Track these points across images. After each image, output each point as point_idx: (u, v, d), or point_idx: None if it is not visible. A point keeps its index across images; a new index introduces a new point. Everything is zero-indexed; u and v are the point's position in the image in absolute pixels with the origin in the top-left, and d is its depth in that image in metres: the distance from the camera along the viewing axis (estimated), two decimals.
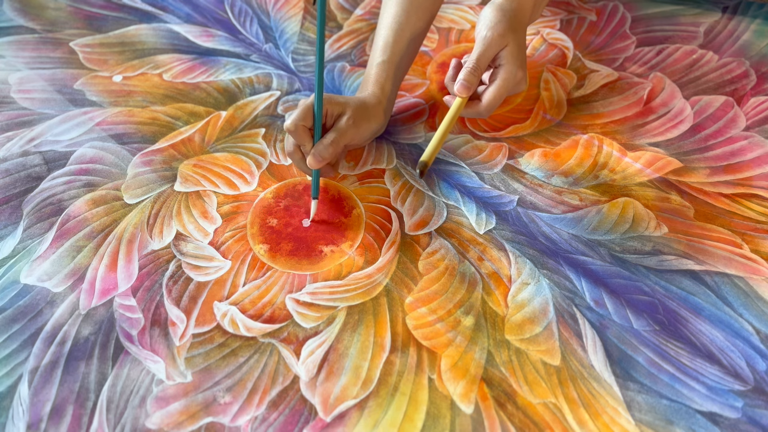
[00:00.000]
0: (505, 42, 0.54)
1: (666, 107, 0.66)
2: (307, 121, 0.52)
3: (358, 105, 0.55)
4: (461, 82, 0.53)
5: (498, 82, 0.54)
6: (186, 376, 0.46)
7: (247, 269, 0.53)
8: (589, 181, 0.59)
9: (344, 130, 0.53)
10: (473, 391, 0.45)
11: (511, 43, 0.54)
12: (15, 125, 0.64)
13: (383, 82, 0.58)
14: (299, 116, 0.52)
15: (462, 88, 0.53)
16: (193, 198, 0.58)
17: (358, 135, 0.55)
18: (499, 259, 0.53)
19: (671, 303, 0.50)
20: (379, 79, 0.58)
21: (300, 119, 0.52)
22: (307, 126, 0.52)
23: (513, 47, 0.54)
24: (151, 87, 0.69)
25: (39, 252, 0.53)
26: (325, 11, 0.46)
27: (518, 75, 0.55)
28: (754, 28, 0.73)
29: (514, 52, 0.54)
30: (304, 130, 0.52)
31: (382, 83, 0.58)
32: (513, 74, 0.54)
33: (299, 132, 0.52)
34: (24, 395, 0.45)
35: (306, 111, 0.52)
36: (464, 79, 0.53)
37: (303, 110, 0.52)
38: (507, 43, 0.54)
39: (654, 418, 0.44)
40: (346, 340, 0.48)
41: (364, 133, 0.56)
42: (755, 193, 0.58)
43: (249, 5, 0.79)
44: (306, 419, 0.44)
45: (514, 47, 0.54)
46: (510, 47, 0.54)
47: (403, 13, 0.60)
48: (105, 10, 0.78)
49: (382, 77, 0.58)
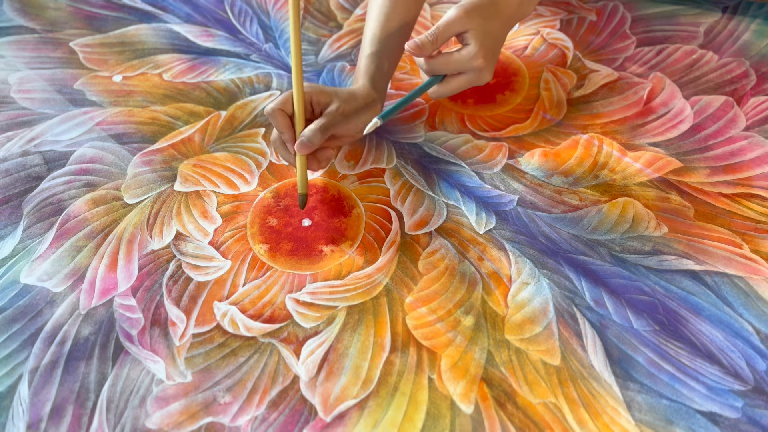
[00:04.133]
0: (470, 23, 0.54)
1: (666, 107, 0.66)
2: (286, 107, 0.52)
3: (347, 96, 0.55)
4: (414, 40, 0.55)
5: (454, 55, 0.55)
6: (186, 376, 0.46)
7: (247, 269, 0.53)
8: (589, 180, 0.59)
9: (332, 117, 0.53)
10: (473, 391, 0.45)
11: (478, 27, 0.55)
12: (15, 125, 0.64)
13: (372, 73, 0.58)
14: (279, 101, 0.52)
15: (412, 44, 0.54)
16: (193, 198, 0.58)
17: (346, 125, 0.55)
18: (499, 259, 0.54)
19: (671, 303, 0.50)
20: (368, 71, 0.58)
21: (279, 104, 0.52)
22: (286, 111, 0.53)
23: (479, 32, 0.55)
24: (151, 87, 0.69)
25: (39, 252, 0.53)
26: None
27: (476, 61, 0.55)
28: (754, 28, 0.73)
29: (480, 38, 0.55)
30: (282, 115, 0.53)
31: (372, 74, 0.58)
32: (469, 55, 0.55)
33: (277, 117, 0.52)
34: (24, 395, 0.45)
35: (287, 97, 0.53)
36: (417, 39, 0.54)
37: (285, 96, 0.53)
38: (473, 26, 0.54)
39: (654, 418, 0.44)
40: (346, 340, 0.48)
41: (353, 123, 0.55)
42: (755, 193, 0.58)
43: (249, 5, 0.79)
44: (306, 419, 0.44)
45: (481, 32, 0.55)
46: (476, 31, 0.55)
47: (391, 5, 0.60)
48: (105, 10, 0.78)
49: (371, 68, 0.58)
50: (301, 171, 0.54)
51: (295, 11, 0.50)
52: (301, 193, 0.55)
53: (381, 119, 0.53)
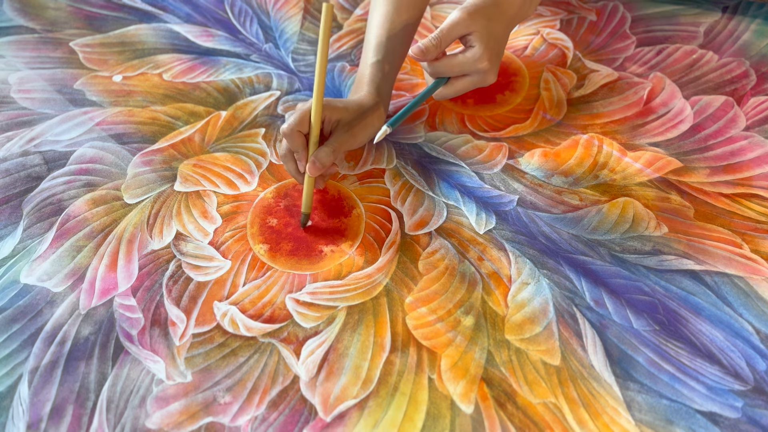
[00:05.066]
0: (473, 25, 0.55)
1: (666, 107, 0.66)
2: (303, 127, 0.52)
3: (356, 109, 0.55)
4: (417, 45, 0.55)
5: (458, 57, 0.56)
6: (186, 376, 0.46)
7: (247, 269, 0.53)
8: (589, 181, 0.59)
9: (344, 139, 0.53)
10: (473, 391, 0.45)
11: (482, 29, 0.55)
12: (15, 125, 0.64)
13: (379, 82, 0.58)
14: (296, 121, 0.51)
15: (416, 49, 0.55)
16: (193, 198, 0.58)
17: (357, 140, 0.55)
18: (499, 259, 0.53)
19: (671, 303, 0.50)
20: (374, 79, 0.58)
21: (297, 124, 0.51)
22: (303, 132, 0.52)
23: (483, 34, 0.55)
24: (151, 87, 0.69)
25: (39, 252, 0.53)
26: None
27: (481, 63, 0.55)
28: (754, 28, 0.73)
29: (483, 39, 0.55)
30: (299, 136, 0.52)
31: (378, 83, 0.58)
32: (474, 57, 0.55)
33: (294, 137, 0.52)
34: (24, 395, 0.45)
35: (304, 116, 0.52)
36: (421, 43, 0.55)
37: (301, 115, 0.51)
38: (476, 28, 0.55)
39: (654, 418, 0.44)
40: (346, 340, 0.48)
41: (363, 136, 0.55)
42: (755, 193, 0.58)
43: (249, 5, 0.79)
44: (306, 419, 0.44)
45: (485, 34, 0.55)
46: (480, 33, 0.55)
47: (394, 11, 0.60)
48: (105, 10, 0.78)
49: (378, 77, 0.58)
50: (308, 190, 0.54)
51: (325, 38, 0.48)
52: (305, 213, 0.55)
53: (390, 126, 0.53)
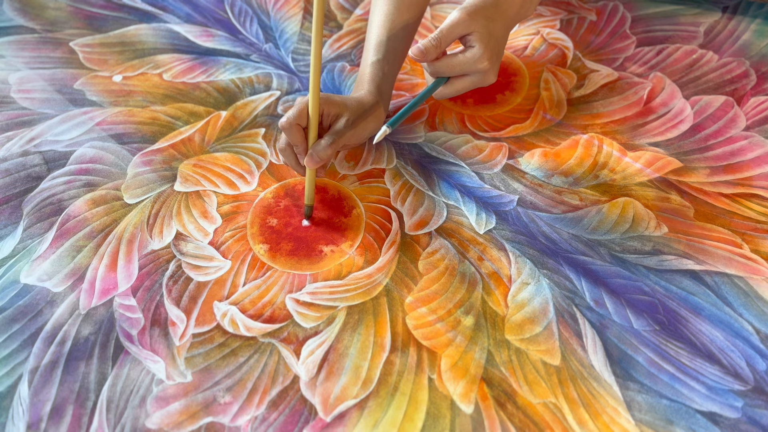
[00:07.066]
0: (473, 25, 0.55)
1: (666, 107, 0.66)
2: (302, 120, 0.52)
3: (356, 105, 0.55)
4: (417, 45, 0.55)
5: (458, 57, 0.56)
6: (186, 376, 0.46)
7: (247, 269, 0.53)
8: (589, 181, 0.59)
9: (342, 132, 0.53)
10: (473, 391, 0.45)
11: (482, 29, 0.55)
12: (15, 125, 0.64)
13: (379, 81, 0.58)
14: (295, 115, 0.52)
15: (416, 50, 0.55)
16: (193, 198, 0.58)
17: (355, 136, 0.55)
18: (499, 259, 0.53)
19: (671, 303, 0.50)
20: (375, 78, 0.58)
21: (295, 118, 0.52)
22: (302, 125, 0.52)
23: (483, 34, 0.55)
24: (151, 87, 0.69)
25: (39, 252, 0.53)
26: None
27: (481, 63, 0.55)
28: (754, 28, 0.73)
29: (484, 39, 0.55)
30: (298, 130, 0.52)
31: (378, 82, 0.58)
32: (474, 57, 0.55)
33: (293, 131, 0.52)
34: (24, 395, 0.45)
35: (302, 109, 0.52)
36: (421, 44, 0.55)
37: (299, 109, 0.52)
38: (476, 28, 0.55)
39: (654, 418, 0.44)
40: (346, 340, 0.48)
41: (362, 133, 0.56)
42: (755, 193, 0.58)
43: (249, 5, 0.79)
44: (306, 419, 0.44)
45: (485, 34, 0.55)
46: (480, 33, 0.55)
47: (395, 11, 0.60)
48: (105, 10, 0.78)
49: (378, 76, 0.58)
50: (310, 183, 0.54)
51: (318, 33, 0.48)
52: (308, 204, 0.55)
53: (390, 127, 0.53)
